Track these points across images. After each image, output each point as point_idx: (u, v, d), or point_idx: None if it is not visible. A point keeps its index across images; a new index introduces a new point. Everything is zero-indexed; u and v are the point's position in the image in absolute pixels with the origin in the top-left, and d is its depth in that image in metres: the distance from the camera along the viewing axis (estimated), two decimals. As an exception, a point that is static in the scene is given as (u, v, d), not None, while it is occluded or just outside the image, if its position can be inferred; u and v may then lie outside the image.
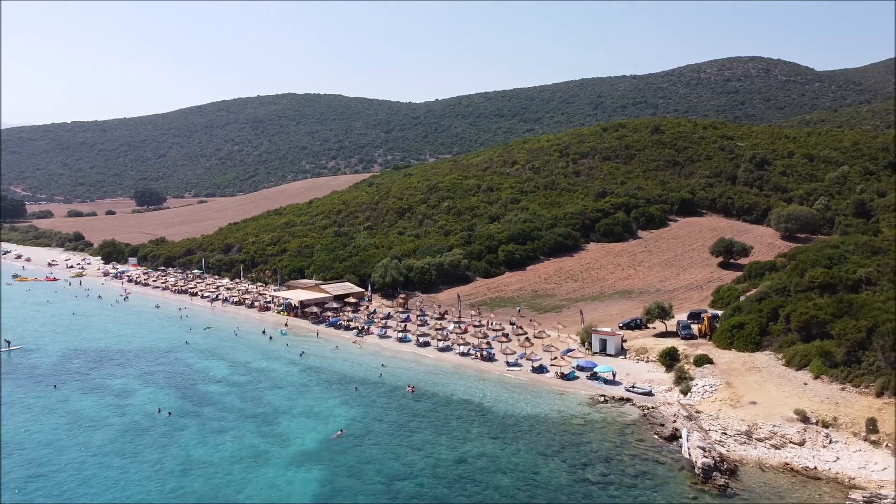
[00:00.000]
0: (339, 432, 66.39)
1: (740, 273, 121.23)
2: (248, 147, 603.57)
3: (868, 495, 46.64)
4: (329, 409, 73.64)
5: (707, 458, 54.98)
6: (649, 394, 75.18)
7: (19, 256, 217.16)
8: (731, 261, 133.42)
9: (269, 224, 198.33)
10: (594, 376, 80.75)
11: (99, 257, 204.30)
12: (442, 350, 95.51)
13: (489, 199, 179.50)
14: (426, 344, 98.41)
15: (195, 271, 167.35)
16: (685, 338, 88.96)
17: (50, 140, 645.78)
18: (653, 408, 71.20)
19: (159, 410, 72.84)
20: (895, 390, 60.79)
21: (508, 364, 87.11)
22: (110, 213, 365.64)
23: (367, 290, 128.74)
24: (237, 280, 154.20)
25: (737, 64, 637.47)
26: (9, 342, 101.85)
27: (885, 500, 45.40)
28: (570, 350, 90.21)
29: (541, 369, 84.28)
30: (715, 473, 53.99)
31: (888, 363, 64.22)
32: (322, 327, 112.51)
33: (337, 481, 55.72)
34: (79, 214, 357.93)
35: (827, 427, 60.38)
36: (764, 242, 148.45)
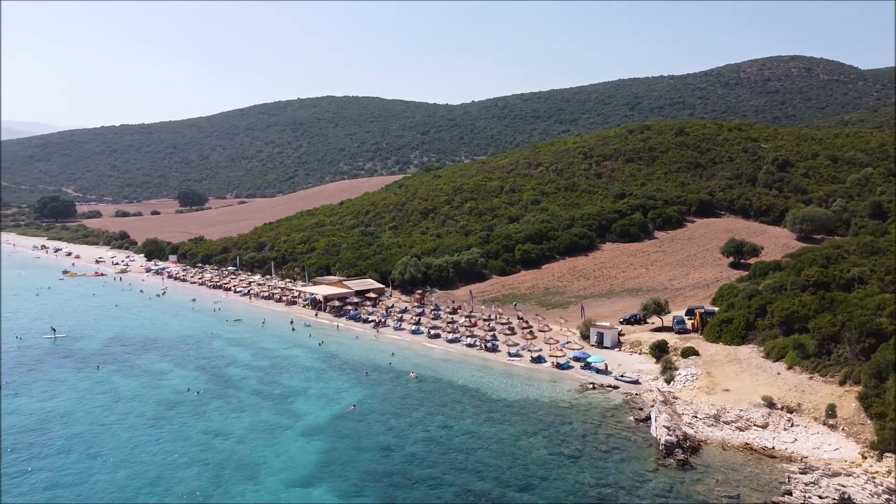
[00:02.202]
0: (352, 407, 74.51)
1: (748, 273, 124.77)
2: (287, 149, 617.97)
3: (803, 467, 51.74)
4: (339, 390, 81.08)
5: (671, 436, 60.53)
6: (636, 382, 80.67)
7: (69, 254, 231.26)
8: (742, 261, 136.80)
9: (301, 224, 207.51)
10: (587, 366, 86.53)
11: (142, 255, 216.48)
12: (450, 342, 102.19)
13: (510, 200, 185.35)
14: (437, 336, 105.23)
15: (230, 268, 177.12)
16: (679, 332, 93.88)
17: (99, 143, 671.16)
18: (636, 394, 76.77)
19: (188, 389, 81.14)
20: (856, 379, 65.25)
21: (510, 354, 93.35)
22: (155, 213, 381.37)
23: (387, 286, 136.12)
24: (268, 276, 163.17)
25: (777, 63, 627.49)
26: (54, 329, 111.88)
27: (816, 471, 50.42)
28: (568, 342, 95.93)
29: (539, 359, 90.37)
30: (677, 450, 59.48)
31: (854, 354, 68.63)
32: (343, 320, 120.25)
33: (338, 449, 62.91)
34: (125, 214, 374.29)
35: (791, 412, 65.27)
36: (778, 243, 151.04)
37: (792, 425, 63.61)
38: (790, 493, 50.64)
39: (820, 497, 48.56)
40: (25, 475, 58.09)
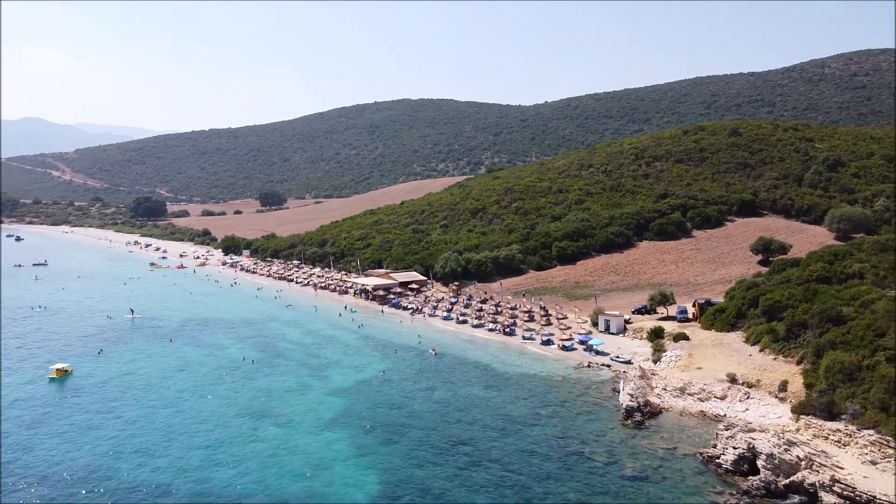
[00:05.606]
0: (382, 373, 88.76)
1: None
2: (364, 151, 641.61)
3: (727, 423, 60.96)
4: (368, 363, 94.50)
5: (632, 402, 70.51)
6: (628, 362, 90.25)
7: (158, 249, 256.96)
8: (770, 258, 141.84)
9: (362, 222, 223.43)
10: (589, 348, 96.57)
11: (220, 250, 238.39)
12: (475, 327, 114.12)
13: (556, 200, 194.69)
14: (464, 322, 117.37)
15: (295, 262, 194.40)
16: (681, 321, 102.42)
17: (190, 147, 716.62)
18: (624, 371, 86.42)
19: (244, 359, 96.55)
20: (809, 358, 73.00)
21: (524, 338, 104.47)
22: (238, 212, 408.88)
23: (429, 278, 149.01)
24: (327, 269, 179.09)
25: (865, 57, 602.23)
26: (132, 311, 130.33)
27: (735, 428, 59.57)
28: (575, 328, 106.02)
29: (548, 342, 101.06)
30: (636, 413, 69.46)
31: (815, 338, 76.18)
32: (386, 307, 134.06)
33: (356, 405, 76.17)
34: (210, 214, 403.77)
35: (750, 387, 73.84)
36: (814, 243, 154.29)
37: (748, 397, 72.23)
38: (715, 446, 60.03)
39: (734, 448, 57.79)
40: (112, 409, 73.79)
